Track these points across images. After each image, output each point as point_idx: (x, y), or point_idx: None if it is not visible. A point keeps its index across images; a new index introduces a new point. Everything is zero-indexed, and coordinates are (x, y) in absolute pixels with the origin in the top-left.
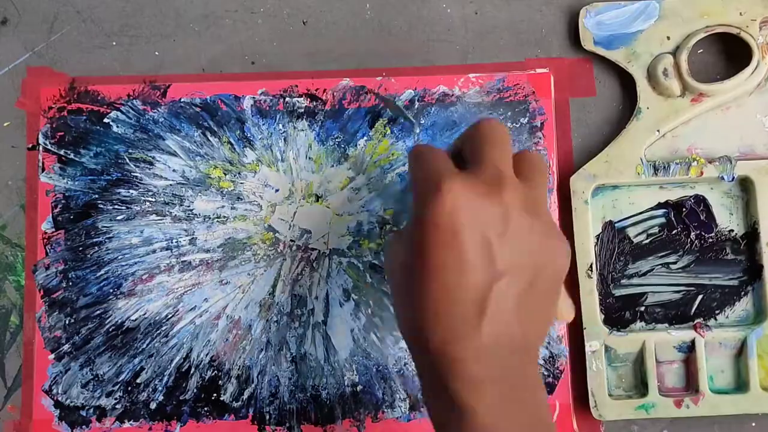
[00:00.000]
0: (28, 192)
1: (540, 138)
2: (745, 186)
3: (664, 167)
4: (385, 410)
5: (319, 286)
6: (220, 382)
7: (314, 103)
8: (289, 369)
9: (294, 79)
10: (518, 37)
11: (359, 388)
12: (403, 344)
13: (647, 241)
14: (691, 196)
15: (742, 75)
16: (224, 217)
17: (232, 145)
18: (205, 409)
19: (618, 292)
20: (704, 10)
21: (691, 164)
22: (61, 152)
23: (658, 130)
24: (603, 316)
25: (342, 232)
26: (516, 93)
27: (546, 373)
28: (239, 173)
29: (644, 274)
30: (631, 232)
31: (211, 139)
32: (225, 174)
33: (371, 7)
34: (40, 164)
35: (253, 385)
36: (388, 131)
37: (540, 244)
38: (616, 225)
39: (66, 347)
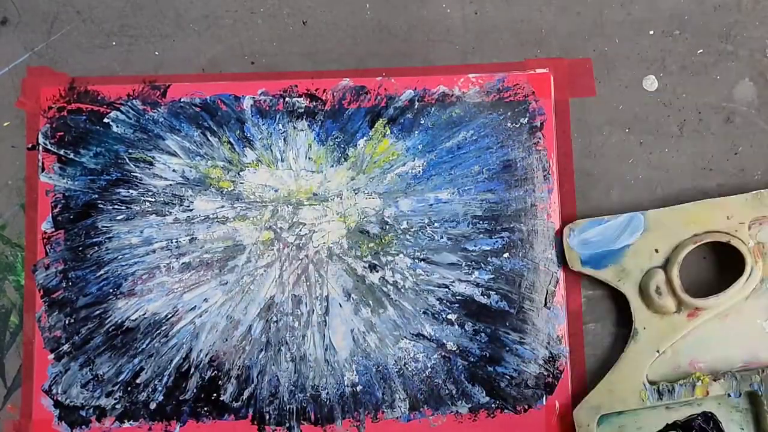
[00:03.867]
0: (28, 192)
1: (540, 138)
2: (753, 399)
3: (669, 391)
4: (385, 410)
5: (319, 286)
6: (219, 382)
7: (314, 103)
8: (288, 369)
9: (294, 79)
10: (518, 37)
11: (359, 388)
12: (403, 344)
13: None
14: (698, 414)
15: (737, 285)
16: (224, 217)
17: (231, 145)
18: (205, 409)
19: None
20: (689, 218)
21: (696, 384)
22: (61, 152)
23: (658, 351)
24: None
25: (342, 233)
26: (516, 93)
27: (546, 373)
28: (239, 173)
29: None
30: None
31: (211, 139)
32: (225, 174)
33: (371, 7)
34: (40, 164)
35: (252, 385)
36: (388, 131)
37: None
38: None
39: (66, 347)
